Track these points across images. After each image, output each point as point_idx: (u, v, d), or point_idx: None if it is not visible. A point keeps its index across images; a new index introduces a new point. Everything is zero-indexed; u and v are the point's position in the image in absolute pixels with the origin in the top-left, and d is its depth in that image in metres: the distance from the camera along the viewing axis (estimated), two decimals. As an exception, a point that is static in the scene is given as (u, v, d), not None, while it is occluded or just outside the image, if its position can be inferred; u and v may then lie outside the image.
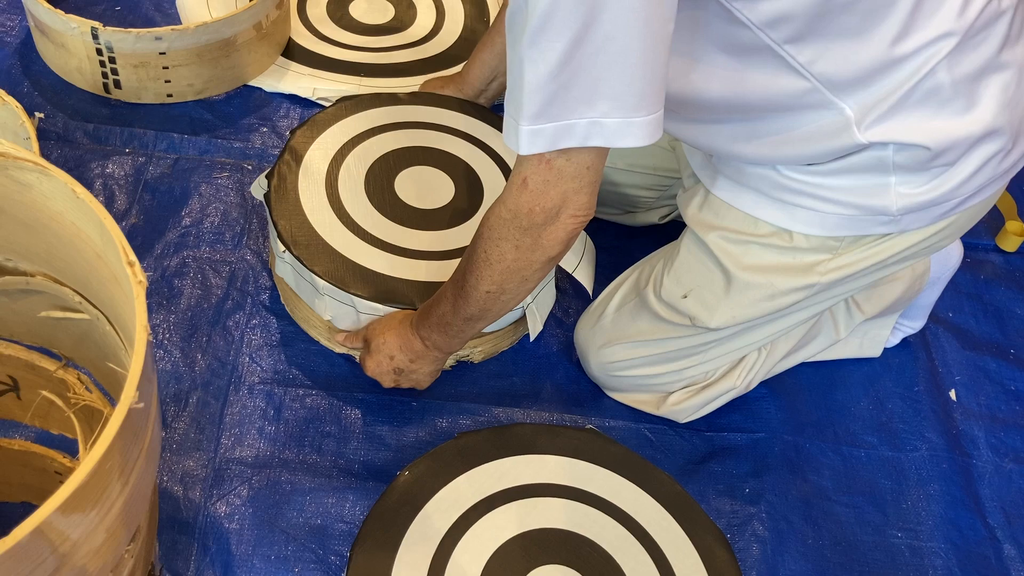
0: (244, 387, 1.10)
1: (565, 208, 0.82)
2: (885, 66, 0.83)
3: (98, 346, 0.78)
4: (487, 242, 0.87)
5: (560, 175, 0.80)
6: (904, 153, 0.88)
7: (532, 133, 0.76)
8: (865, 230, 0.95)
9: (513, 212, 0.83)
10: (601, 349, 1.11)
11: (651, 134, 0.76)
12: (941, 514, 1.13)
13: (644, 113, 0.75)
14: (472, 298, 0.91)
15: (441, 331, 0.98)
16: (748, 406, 1.18)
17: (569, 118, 0.75)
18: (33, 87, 1.38)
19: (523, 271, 0.88)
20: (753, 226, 0.98)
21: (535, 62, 0.72)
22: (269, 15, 1.39)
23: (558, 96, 0.74)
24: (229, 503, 1.01)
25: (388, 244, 1.11)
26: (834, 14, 0.79)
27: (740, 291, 1.00)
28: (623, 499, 1.01)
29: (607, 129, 0.75)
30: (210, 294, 1.18)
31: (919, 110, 0.85)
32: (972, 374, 1.29)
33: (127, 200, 1.26)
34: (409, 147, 1.22)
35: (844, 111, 0.86)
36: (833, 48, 0.82)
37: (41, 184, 0.67)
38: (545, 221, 0.83)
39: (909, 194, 0.90)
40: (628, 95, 0.74)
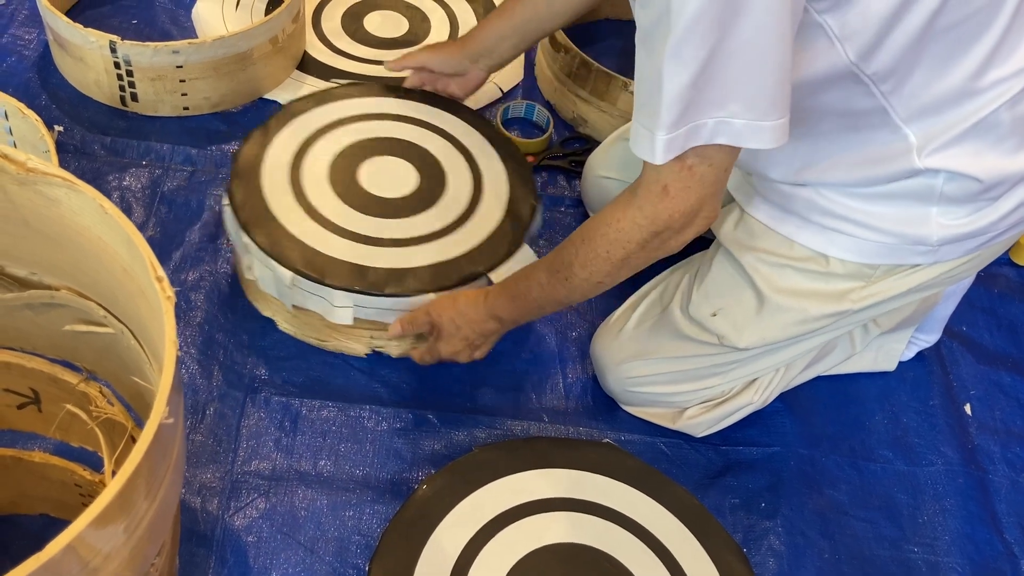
0: (260, 399, 1.11)
1: (701, 212, 0.83)
2: (960, 98, 0.84)
3: (121, 359, 0.78)
4: (613, 243, 0.88)
5: (702, 180, 0.81)
6: (954, 183, 0.89)
7: (669, 141, 0.77)
8: (902, 259, 0.95)
9: (651, 218, 0.84)
10: (620, 364, 1.11)
11: (777, 138, 0.77)
12: (958, 529, 1.13)
13: (773, 117, 0.76)
14: (579, 288, 0.94)
15: (528, 312, 1.01)
16: (763, 420, 1.18)
17: (700, 119, 0.76)
18: (51, 100, 1.38)
19: (639, 265, 0.90)
20: (790, 249, 0.99)
21: (677, 72, 0.73)
22: (285, 29, 1.40)
23: (693, 100, 0.74)
24: (246, 516, 1.01)
25: (356, 234, 1.11)
26: (928, 42, 0.80)
27: (772, 313, 1.00)
28: (640, 513, 1.01)
29: (734, 128, 0.76)
30: (226, 306, 1.19)
31: (977, 143, 0.87)
32: (987, 388, 1.29)
33: (144, 212, 1.27)
34: (371, 138, 1.22)
35: (908, 137, 0.87)
36: (914, 77, 0.83)
37: (69, 199, 0.68)
38: (682, 226, 0.84)
39: (949, 225, 0.91)
40: (760, 98, 0.75)
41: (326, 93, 1.27)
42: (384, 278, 1.07)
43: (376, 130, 1.24)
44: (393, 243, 1.11)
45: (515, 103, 1.48)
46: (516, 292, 1.00)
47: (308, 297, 1.08)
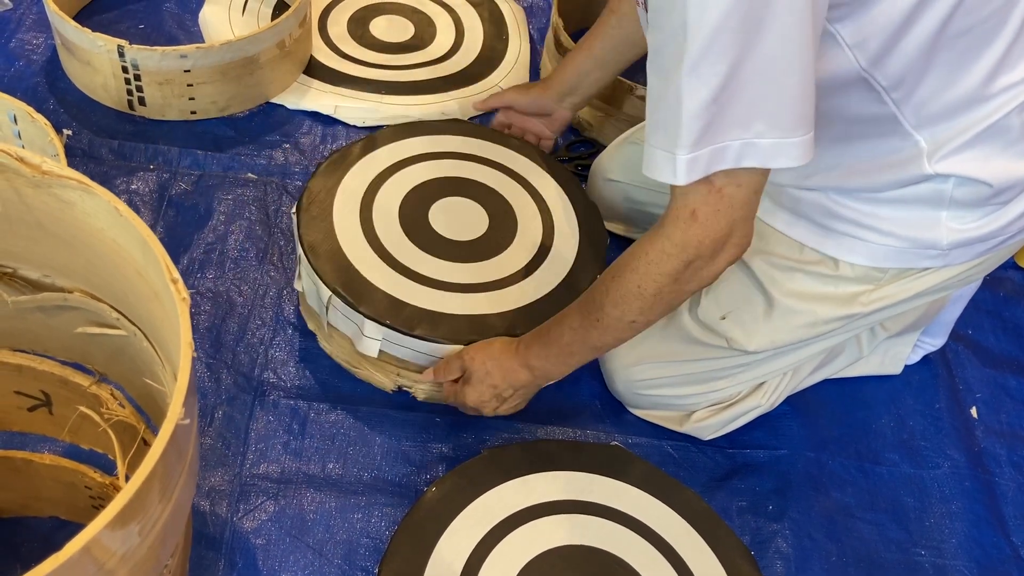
0: (269, 402, 1.11)
1: (732, 237, 0.80)
2: (971, 103, 0.84)
3: (133, 362, 0.79)
4: (643, 276, 0.85)
5: (731, 203, 0.78)
6: (964, 188, 0.89)
7: (690, 161, 0.74)
8: (912, 263, 0.95)
9: (681, 246, 0.81)
10: (629, 367, 1.11)
11: (805, 154, 0.75)
12: (964, 532, 1.13)
13: (800, 133, 0.74)
14: (612, 328, 0.90)
15: (561, 360, 0.96)
16: (770, 423, 1.18)
17: (724, 140, 0.73)
18: (59, 104, 1.39)
19: (673, 301, 0.86)
20: (799, 252, 0.99)
21: (696, 89, 0.71)
22: (292, 33, 1.40)
23: (716, 119, 0.72)
24: (255, 518, 1.01)
25: (426, 277, 1.09)
26: (940, 48, 0.80)
27: (781, 316, 1.00)
28: (648, 515, 1.01)
29: (761, 149, 0.74)
30: (235, 310, 1.19)
31: (987, 147, 0.87)
32: (993, 391, 1.29)
33: (152, 216, 1.27)
34: (441, 178, 1.21)
35: (919, 143, 0.87)
36: (926, 83, 0.83)
37: (83, 202, 0.68)
38: (712, 253, 0.81)
39: (959, 229, 0.91)
40: (784, 115, 0.73)
41: (424, 124, 1.27)
42: (418, 318, 1.04)
43: (460, 170, 1.22)
44: (440, 285, 1.08)
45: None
46: (548, 338, 0.96)
47: (342, 320, 1.08)
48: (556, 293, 1.10)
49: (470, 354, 1.02)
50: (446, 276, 1.10)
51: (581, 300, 0.94)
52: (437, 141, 1.25)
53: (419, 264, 1.11)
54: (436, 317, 1.05)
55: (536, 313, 1.07)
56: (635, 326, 0.90)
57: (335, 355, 1.15)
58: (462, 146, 1.25)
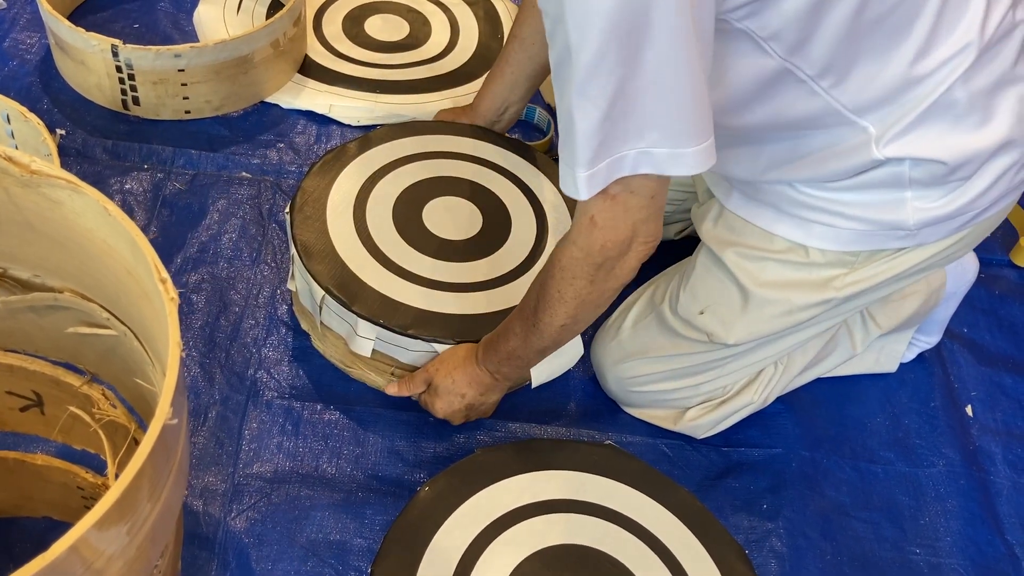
0: (262, 402, 1.11)
1: (636, 238, 0.82)
2: (906, 85, 0.84)
3: (124, 362, 0.78)
4: (560, 281, 0.87)
5: (627, 208, 0.80)
6: (920, 168, 0.88)
7: (589, 178, 0.76)
8: (881, 244, 0.95)
9: (585, 251, 0.83)
10: (618, 365, 1.11)
11: (702, 163, 0.76)
12: (959, 531, 1.13)
13: (695, 143, 0.75)
14: (546, 333, 0.92)
15: (511, 364, 0.99)
16: (765, 421, 1.18)
17: (620, 151, 0.75)
18: (53, 104, 1.39)
19: (597, 301, 0.89)
20: (769, 242, 0.99)
21: (585, 110, 0.73)
22: (286, 32, 1.40)
23: (609, 135, 0.74)
24: (248, 518, 1.01)
25: (419, 277, 1.09)
26: (861, 35, 0.80)
27: (757, 307, 1.00)
28: (642, 515, 1.01)
29: (655, 158, 0.76)
30: (228, 309, 1.19)
31: (935, 125, 0.86)
32: (988, 390, 1.29)
33: (146, 216, 1.27)
34: (435, 177, 1.21)
35: (867, 129, 0.87)
36: (856, 70, 0.82)
37: (72, 201, 0.68)
38: (619, 254, 0.83)
39: (925, 208, 0.91)
40: (676, 124, 0.74)
41: (418, 124, 1.27)
42: (412, 319, 1.05)
43: (455, 170, 1.22)
44: (434, 285, 1.09)
45: (516, 106, 1.48)
46: (497, 344, 0.99)
47: (335, 320, 1.08)
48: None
49: (434, 366, 1.04)
50: (440, 275, 1.10)
51: (520, 306, 0.96)
52: (431, 141, 1.25)
53: (413, 263, 1.10)
54: (429, 317, 1.05)
55: None
56: (567, 329, 0.92)
57: (329, 355, 1.15)
58: (457, 146, 1.25)
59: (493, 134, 1.28)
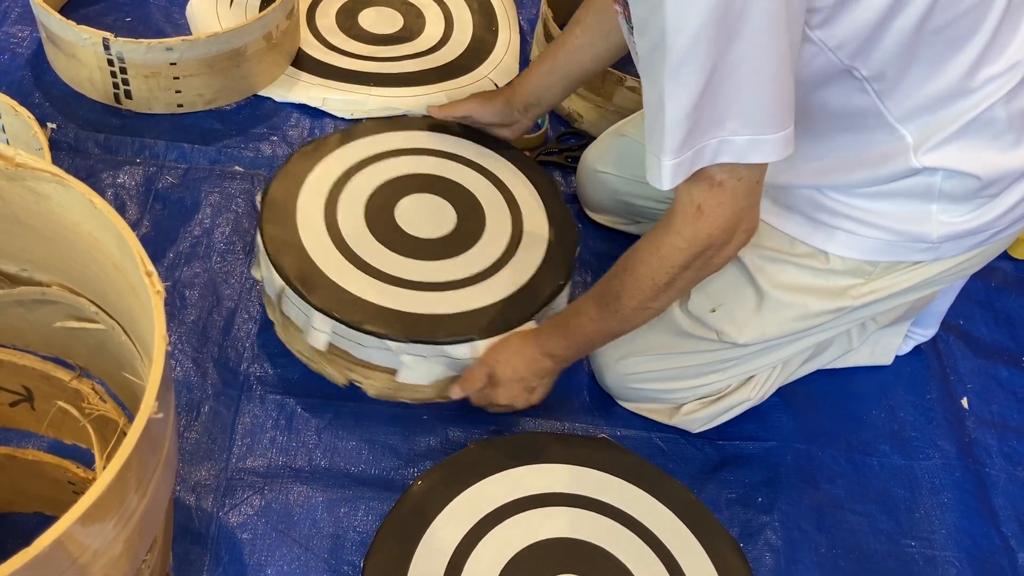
0: (255, 397, 1.10)
1: (740, 225, 0.83)
2: (953, 96, 0.84)
3: (113, 356, 0.78)
4: (656, 270, 0.87)
5: (734, 195, 0.80)
6: (953, 181, 0.89)
7: (675, 167, 0.76)
8: (903, 256, 0.95)
9: (691, 240, 0.83)
10: (619, 361, 1.11)
11: (781, 151, 0.77)
12: (955, 523, 1.13)
13: (773, 130, 0.75)
14: (629, 318, 0.93)
15: (580, 348, 1.01)
16: (760, 415, 1.18)
17: (702, 140, 0.75)
18: (44, 98, 1.38)
19: (688, 286, 0.90)
20: (790, 245, 0.99)
21: (677, 95, 0.73)
22: (279, 25, 1.39)
23: (697, 122, 0.74)
24: (241, 513, 1.01)
25: (383, 273, 1.08)
26: (921, 44, 0.80)
27: (772, 309, 1.00)
28: (636, 508, 1.00)
29: (735, 146, 0.76)
30: (221, 304, 1.18)
31: (973, 140, 0.87)
32: (984, 382, 1.28)
33: (138, 210, 1.26)
34: (408, 175, 1.20)
35: (905, 137, 0.87)
36: (908, 77, 0.83)
37: (58, 195, 0.67)
38: (723, 242, 0.83)
39: (950, 222, 0.91)
40: (756, 113, 0.74)
41: (393, 121, 1.26)
42: (370, 314, 1.03)
43: (435, 167, 1.21)
44: (397, 282, 1.07)
45: (510, 99, 1.47)
46: (568, 329, 0.99)
47: (294, 310, 1.07)
48: (515, 297, 1.08)
49: (493, 358, 1.03)
50: (404, 273, 1.09)
51: (596, 293, 0.96)
52: (414, 137, 1.24)
53: (378, 260, 1.09)
54: (386, 314, 1.04)
55: (485, 316, 1.05)
56: (651, 312, 0.93)
57: (290, 346, 1.14)
58: (439, 143, 1.24)
59: (479, 133, 1.26)
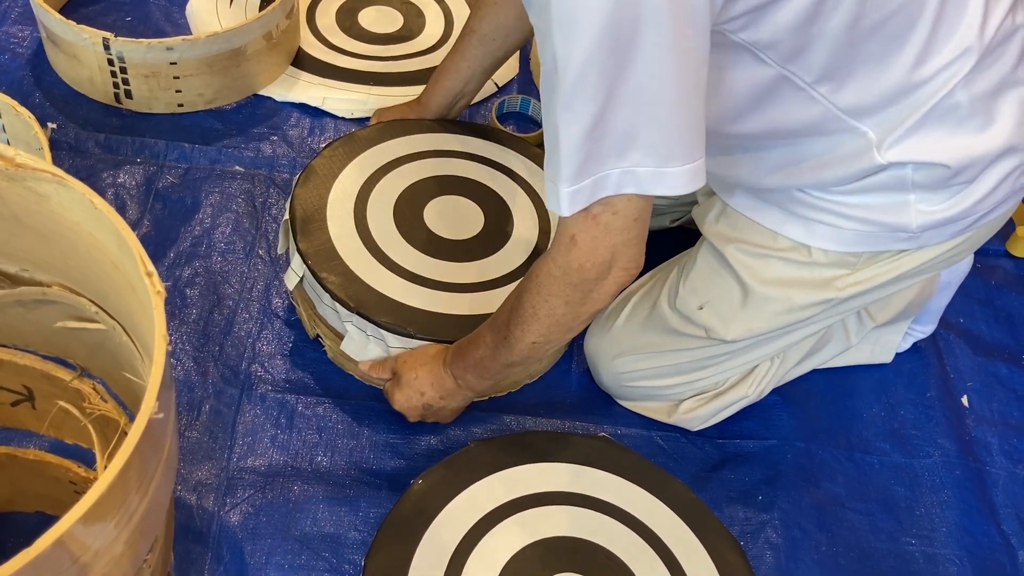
0: (256, 396, 1.10)
1: (616, 262, 0.81)
2: (905, 90, 0.83)
3: (113, 356, 0.78)
4: (535, 297, 0.86)
5: (608, 230, 0.79)
6: (923, 172, 0.88)
7: (573, 194, 0.75)
8: (884, 246, 0.95)
9: (563, 269, 0.82)
10: (613, 360, 1.11)
11: (688, 183, 0.75)
12: (955, 521, 1.13)
13: (679, 163, 0.74)
14: (516, 348, 0.91)
15: (477, 374, 0.97)
16: (760, 413, 1.18)
17: (603, 170, 0.74)
18: (45, 97, 1.38)
19: (571, 323, 0.87)
20: (772, 240, 0.98)
21: (570, 124, 0.72)
22: (279, 25, 1.39)
23: (592, 152, 0.73)
24: (242, 512, 1.01)
25: (418, 276, 1.09)
26: (858, 42, 0.79)
27: (757, 305, 1.00)
28: (636, 507, 1.00)
29: (639, 177, 0.75)
30: (222, 303, 1.18)
31: (937, 129, 0.86)
32: (984, 380, 1.28)
33: (138, 210, 1.27)
34: (436, 176, 1.20)
35: (867, 134, 0.86)
36: (855, 76, 0.82)
37: (58, 195, 0.67)
38: (597, 276, 0.82)
39: (929, 211, 0.91)
40: (660, 144, 0.73)
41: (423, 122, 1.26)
42: (338, 276, 1.05)
43: (465, 170, 1.21)
44: (414, 279, 1.08)
45: (511, 98, 1.48)
46: (466, 352, 0.97)
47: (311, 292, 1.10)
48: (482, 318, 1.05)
49: (403, 358, 1.03)
50: (424, 271, 1.09)
51: (492, 318, 0.95)
52: (442, 139, 1.24)
53: (400, 255, 1.10)
54: (358, 285, 1.05)
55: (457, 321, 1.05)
56: (538, 347, 0.90)
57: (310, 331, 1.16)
58: (468, 146, 1.24)
59: (510, 137, 1.27)
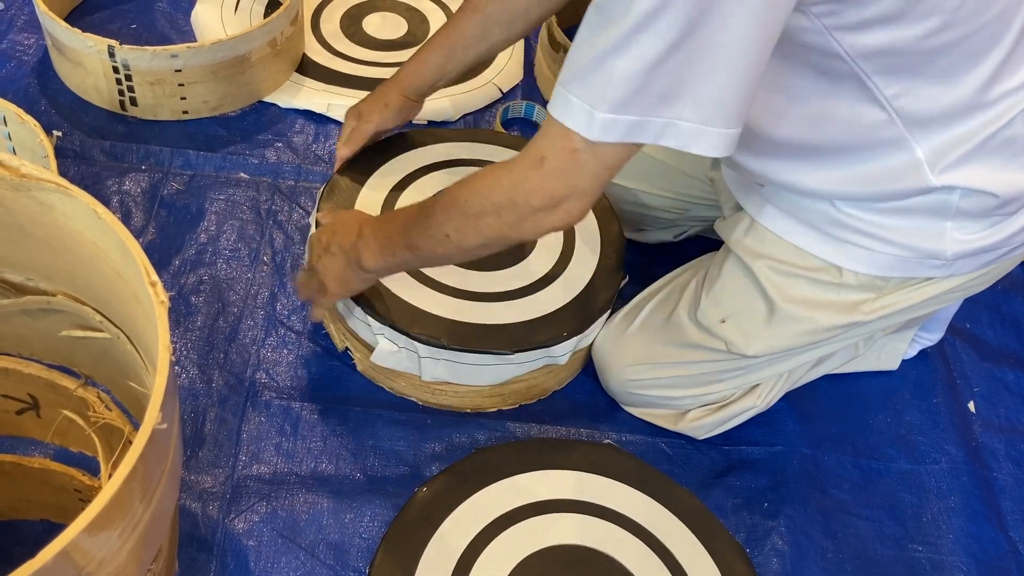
0: (261, 403, 1.10)
1: (565, 202, 0.78)
2: (969, 109, 0.83)
3: (118, 365, 0.78)
4: (476, 193, 0.82)
5: (579, 169, 0.75)
6: (970, 199, 0.88)
7: (609, 122, 0.71)
8: (916, 272, 0.94)
9: (514, 183, 0.79)
10: (624, 367, 1.10)
11: (725, 147, 0.73)
12: (962, 528, 1.12)
13: (723, 125, 0.72)
14: (429, 231, 0.87)
15: (380, 242, 0.93)
16: (766, 420, 1.17)
17: (647, 115, 0.71)
18: (50, 105, 1.39)
19: (488, 238, 0.83)
20: (801, 258, 0.98)
21: (631, 53, 0.68)
22: (284, 31, 1.40)
23: (643, 90, 0.70)
24: (247, 520, 1.01)
25: (446, 286, 1.08)
26: (933, 55, 0.78)
27: (782, 322, 0.99)
28: (642, 515, 1.00)
29: (680, 130, 0.72)
30: (227, 311, 1.18)
31: (993, 159, 0.86)
32: (991, 385, 1.28)
33: (144, 217, 1.27)
34: None
35: (916, 152, 0.85)
36: (922, 85, 0.81)
37: (63, 204, 0.67)
38: (541, 206, 0.78)
39: (964, 239, 0.90)
40: (710, 103, 0.71)
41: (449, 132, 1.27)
42: (397, 308, 1.05)
43: None
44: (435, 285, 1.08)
45: (515, 103, 1.48)
46: (387, 216, 0.94)
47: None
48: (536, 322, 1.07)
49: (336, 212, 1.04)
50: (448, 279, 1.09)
51: (434, 195, 0.90)
52: (463, 148, 1.25)
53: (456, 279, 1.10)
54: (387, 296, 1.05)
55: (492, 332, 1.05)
56: (446, 243, 0.86)
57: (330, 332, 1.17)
58: (488, 154, 1.24)
59: (520, 142, 1.26)
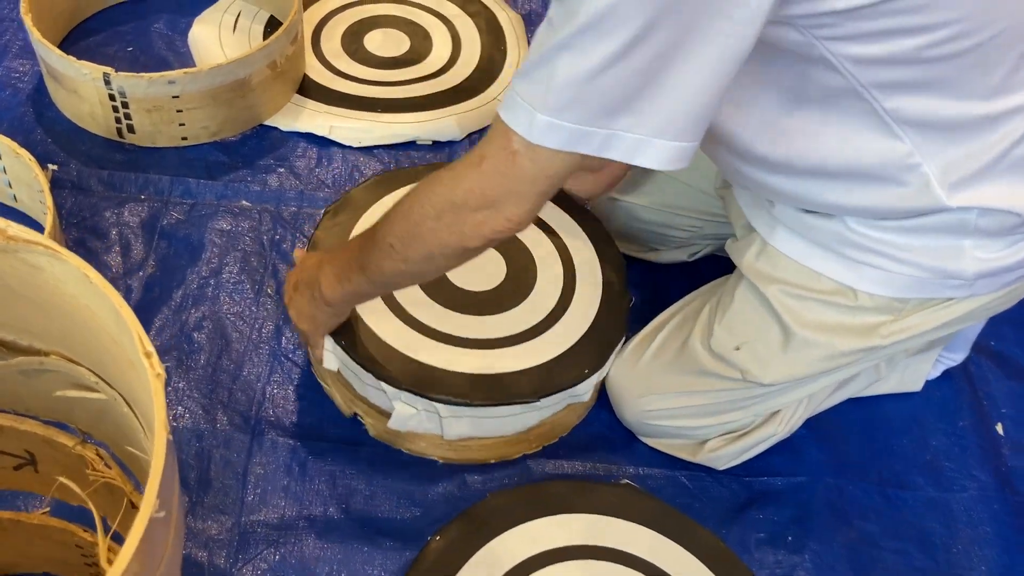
0: (267, 443, 1.07)
1: (501, 207, 0.76)
2: (975, 123, 0.79)
3: (116, 425, 0.75)
4: (416, 199, 0.82)
5: (517, 173, 0.74)
6: (989, 218, 0.84)
7: (549, 126, 0.70)
8: (935, 293, 0.91)
9: (453, 183, 0.78)
10: (639, 398, 1.07)
11: (672, 159, 0.70)
12: (995, 558, 1.08)
13: (671, 138, 0.69)
14: (378, 246, 0.86)
15: (338, 268, 0.92)
16: (788, 448, 1.13)
17: (589, 125, 0.69)
18: (46, 133, 1.35)
19: (431, 246, 0.82)
20: (815, 281, 0.94)
21: (575, 56, 0.66)
22: (284, 52, 1.36)
23: (586, 99, 0.68)
24: (256, 568, 0.98)
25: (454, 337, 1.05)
26: (934, 63, 0.75)
27: (798, 349, 0.96)
28: (663, 558, 0.97)
29: (625, 143, 0.70)
30: (230, 347, 1.15)
31: (1010, 176, 0.82)
32: (1019, 405, 1.24)
33: (143, 249, 1.24)
34: None
35: (921, 167, 0.81)
36: (923, 98, 0.77)
37: (53, 267, 0.64)
38: (477, 207, 0.77)
39: (985, 258, 0.87)
40: (661, 117, 0.69)
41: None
42: (378, 353, 1.01)
43: None
44: (432, 333, 1.05)
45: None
46: (345, 242, 0.94)
47: None
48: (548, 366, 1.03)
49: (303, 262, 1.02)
50: (443, 326, 1.05)
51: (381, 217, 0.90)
52: None
53: (417, 308, 1.06)
54: (397, 358, 1.01)
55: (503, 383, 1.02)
56: (392, 255, 0.84)
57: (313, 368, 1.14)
58: None
59: None
